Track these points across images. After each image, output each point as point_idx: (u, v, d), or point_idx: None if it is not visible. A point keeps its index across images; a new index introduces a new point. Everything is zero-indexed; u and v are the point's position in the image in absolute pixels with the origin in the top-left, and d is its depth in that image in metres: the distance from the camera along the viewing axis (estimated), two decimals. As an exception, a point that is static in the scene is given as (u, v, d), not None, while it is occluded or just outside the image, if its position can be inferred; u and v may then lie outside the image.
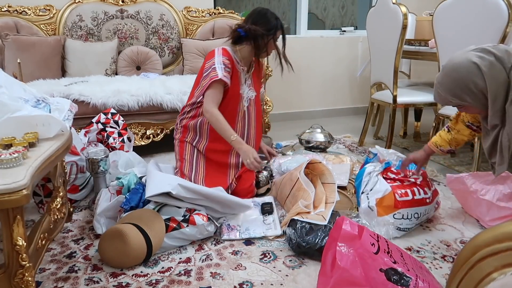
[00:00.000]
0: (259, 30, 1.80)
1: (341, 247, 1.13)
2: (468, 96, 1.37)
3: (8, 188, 0.93)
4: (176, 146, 1.97)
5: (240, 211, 1.72)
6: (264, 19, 1.82)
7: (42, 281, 1.36)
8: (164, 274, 1.40)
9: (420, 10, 3.49)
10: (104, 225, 1.64)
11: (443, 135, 1.72)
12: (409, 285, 1.08)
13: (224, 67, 1.78)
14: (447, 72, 1.41)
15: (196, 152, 1.91)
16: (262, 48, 1.83)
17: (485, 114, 1.42)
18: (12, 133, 1.17)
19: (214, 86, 1.78)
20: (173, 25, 3.17)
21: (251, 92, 1.93)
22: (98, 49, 2.88)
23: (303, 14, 3.82)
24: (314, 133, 2.53)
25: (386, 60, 2.61)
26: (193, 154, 1.90)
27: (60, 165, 1.54)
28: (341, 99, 4.03)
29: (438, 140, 1.73)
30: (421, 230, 1.70)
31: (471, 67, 1.34)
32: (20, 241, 1.01)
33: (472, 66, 1.33)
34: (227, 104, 1.84)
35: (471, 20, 1.98)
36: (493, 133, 1.42)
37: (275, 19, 1.83)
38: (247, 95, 1.92)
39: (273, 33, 1.82)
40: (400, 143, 3.04)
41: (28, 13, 2.87)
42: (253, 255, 1.51)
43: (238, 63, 1.88)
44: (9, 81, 1.29)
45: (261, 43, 1.82)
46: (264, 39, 1.81)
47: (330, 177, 1.76)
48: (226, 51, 1.84)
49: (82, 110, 2.26)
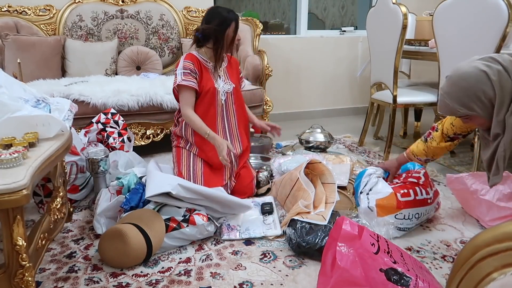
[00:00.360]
0: (211, 28, 1.86)
1: (341, 247, 1.13)
2: (476, 105, 1.34)
3: (8, 188, 0.93)
4: (173, 152, 2.02)
5: (240, 212, 1.72)
6: (215, 15, 1.89)
7: (42, 281, 1.36)
8: (164, 274, 1.40)
9: (420, 10, 3.49)
10: (104, 225, 1.64)
11: (419, 145, 1.74)
12: (409, 285, 1.08)
13: (185, 71, 1.86)
14: (455, 81, 1.37)
15: (192, 155, 1.93)
16: (220, 43, 1.89)
17: (488, 126, 1.39)
18: (12, 133, 1.17)
19: (181, 90, 1.88)
20: (173, 25, 3.17)
21: (227, 86, 1.98)
22: (98, 49, 2.88)
23: (303, 14, 3.82)
24: (314, 133, 2.53)
25: (386, 60, 2.61)
26: (189, 158, 1.93)
27: (60, 165, 1.54)
28: (341, 99, 4.03)
29: (415, 149, 1.76)
30: (421, 230, 1.70)
31: (480, 75, 1.31)
32: (20, 241, 1.01)
33: (481, 75, 1.31)
34: (203, 99, 1.91)
35: (471, 20, 1.98)
36: (494, 145, 1.40)
37: (227, 13, 1.88)
38: (223, 88, 1.97)
39: (225, 26, 1.86)
40: (400, 143, 3.04)
41: (28, 13, 2.87)
42: (253, 255, 1.51)
43: (207, 62, 1.95)
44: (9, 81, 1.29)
45: (218, 39, 1.88)
46: (218, 34, 1.87)
47: (330, 177, 1.76)
48: (190, 54, 1.92)
49: (82, 110, 2.26)
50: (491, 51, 1.91)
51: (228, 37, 1.89)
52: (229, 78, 2.01)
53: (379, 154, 2.74)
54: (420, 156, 1.74)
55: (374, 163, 2.53)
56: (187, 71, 1.87)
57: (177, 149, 1.98)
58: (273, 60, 3.31)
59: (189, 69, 1.87)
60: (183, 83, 1.85)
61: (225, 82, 1.98)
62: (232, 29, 1.88)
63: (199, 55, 1.94)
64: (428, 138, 1.72)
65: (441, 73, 2.24)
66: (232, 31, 1.88)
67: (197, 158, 1.92)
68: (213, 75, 1.96)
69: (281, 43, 3.69)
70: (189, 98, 1.88)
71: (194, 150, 1.95)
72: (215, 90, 1.93)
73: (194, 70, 1.88)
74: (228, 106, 2.00)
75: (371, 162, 2.57)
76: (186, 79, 1.86)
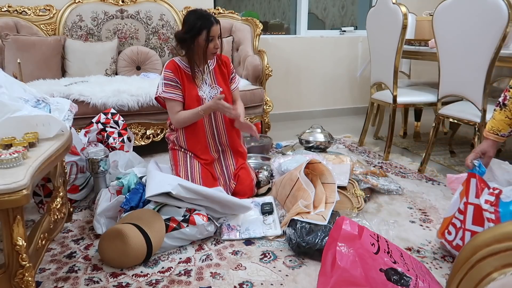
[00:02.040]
0: (180, 34, 1.81)
1: (341, 247, 1.13)
2: None
3: (8, 188, 0.93)
4: (170, 154, 2.00)
5: (240, 212, 1.72)
6: (186, 22, 1.80)
7: (42, 281, 1.36)
8: (164, 274, 1.40)
9: (420, 10, 3.49)
10: (104, 225, 1.64)
11: (498, 116, 1.44)
12: (409, 285, 1.08)
13: (165, 82, 1.83)
14: None
15: (189, 157, 1.92)
16: (192, 52, 1.81)
17: None
18: (12, 133, 1.17)
19: (166, 101, 1.86)
20: (173, 25, 3.17)
21: (213, 91, 1.92)
22: (98, 49, 2.88)
23: (303, 14, 3.82)
24: (314, 133, 2.53)
25: (386, 60, 2.61)
26: (186, 159, 1.92)
27: (60, 165, 1.54)
28: (341, 99, 4.03)
29: (494, 124, 1.46)
30: (421, 230, 1.70)
31: None
32: (20, 241, 1.01)
33: None
34: (189, 107, 1.87)
35: (471, 20, 1.98)
36: None
37: (198, 19, 1.76)
38: (210, 94, 1.91)
39: (194, 34, 1.76)
40: (400, 143, 3.04)
41: (28, 13, 2.87)
42: (253, 255, 1.51)
43: (188, 68, 1.88)
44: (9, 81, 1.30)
45: (189, 47, 1.80)
46: (187, 41, 1.79)
47: (330, 177, 1.76)
48: (170, 62, 1.88)
49: (82, 110, 2.26)
50: (491, 51, 1.91)
51: (199, 45, 1.79)
52: (216, 82, 1.94)
53: (379, 154, 2.74)
54: (504, 131, 1.44)
55: (374, 163, 2.53)
56: (168, 81, 1.83)
57: (173, 151, 1.97)
58: (273, 60, 3.31)
59: (169, 79, 1.83)
60: (164, 95, 1.83)
61: (212, 87, 1.92)
62: (203, 38, 1.76)
63: (181, 62, 1.88)
64: (505, 102, 1.43)
65: (441, 73, 2.24)
66: (203, 40, 1.76)
67: (194, 160, 1.92)
68: (196, 81, 1.89)
69: (281, 43, 3.69)
70: (175, 107, 1.85)
71: (189, 153, 1.94)
72: (200, 98, 1.88)
73: (174, 79, 1.84)
74: (216, 113, 1.93)
75: (371, 162, 2.57)
76: (167, 90, 1.83)
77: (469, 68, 2.05)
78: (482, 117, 2.02)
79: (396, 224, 1.72)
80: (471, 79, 2.04)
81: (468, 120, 2.11)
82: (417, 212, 1.86)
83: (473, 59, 2.02)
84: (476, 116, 2.05)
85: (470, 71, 2.05)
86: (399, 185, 2.09)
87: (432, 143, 2.36)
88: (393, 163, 2.54)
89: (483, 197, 1.33)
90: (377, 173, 2.16)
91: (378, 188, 2.04)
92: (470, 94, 2.08)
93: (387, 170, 2.41)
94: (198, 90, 1.89)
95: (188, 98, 1.87)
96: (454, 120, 2.24)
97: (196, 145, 1.93)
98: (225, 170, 1.97)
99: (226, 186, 1.93)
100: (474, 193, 1.37)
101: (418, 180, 2.26)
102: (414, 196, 2.03)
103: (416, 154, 2.77)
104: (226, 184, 1.94)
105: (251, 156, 2.41)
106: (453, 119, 2.24)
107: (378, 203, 1.96)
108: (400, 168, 2.45)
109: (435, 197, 2.02)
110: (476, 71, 2.00)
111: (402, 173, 2.37)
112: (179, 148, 1.96)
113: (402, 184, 2.15)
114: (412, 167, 2.47)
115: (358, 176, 2.06)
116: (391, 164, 2.53)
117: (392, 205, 1.94)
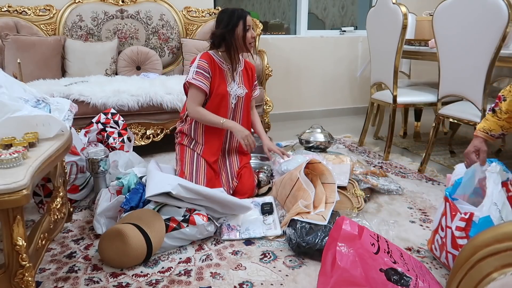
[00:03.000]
0: (219, 31, 1.86)
1: (341, 247, 1.13)
2: None
3: (8, 188, 0.93)
4: (177, 149, 2.00)
5: (240, 212, 1.71)
6: (222, 17, 1.87)
7: (42, 281, 1.36)
8: (164, 274, 1.40)
9: (420, 10, 3.49)
10: (104, 225, 1.64)
11: (490, 118, 1.51)
12: (409, 285, 1.08)
13: (198, 70, 1.84)
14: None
15: (196, 155, 1.93)
16: (232, 45, 1.86)
17: None
18: (12, 133, 1.17)
19: (191, 87, 1.86)
20: (173, 25, 3.17)
21: (240, 90, 1.96)
22: (98, 49, 2.88)
23: (303, 14, 3.82)
24: (314, 133, 2.53)
25: (386, 60, 2.61)
26: (193, 157, 1.92)
27: (60, 165, 1.54)
28: (341, 99, 4.03)
29: (486, 124, 1.52)
30: (421, 230, 1.70)
31: None
32: (20, 241, 1.01)
33: None
34: (214, 100, 1.90)
35: (471, 20, 1.98)
36: None
37: (233, 12, 1.85)
38: (235, 92, 1.96)
39: (233, 26, 1.83)
40: (400, 143, 3.04)
41: (28, 13, 2.87)
42: (253, 255, 1.51)
43: (223, 63, 1.93)
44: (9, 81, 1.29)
45: (228, 41, 1.86)
46: (227, 36, 1.85)
47: (330, 177, 1.76)
48: (206, 54, 1.90)
49: (82, 110, 2.26)
50: (491, 51, 1.91)
51: (238, 37, 1.85)
52: (243, 83, 1.99)
53: (379, 154, 2.74)
54: (495, 131, 1.50)
55: (374, 163, 2.53)
56: (200, 70, 1.84)
57: (181, 147, 1.97)
58: (273, 60, 3.31)
59: (203, 68, 1.85)
60: (192, 82, 1.83)
61: (239, 86, 1.96)
62: (241, 28, 1.84)
63: (215, 55, 1.91)
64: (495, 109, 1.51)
65: (441, 73, 2.24)
66: (241, 30, 1.84)
67: (201, 158, 1.92)
68: (227, 77, 1.93)
69: (281, 43, 3.69)
70: (197, 97, 1.86)
71: (199, 149, 1.94)
72: (227, 93, 1.91)
73: (207, 70, 1.85)
74: (237, 110, 1.98)
75: (371, 162, 2.57)
76: (197, 78, 1.83)
77: (469, 68, 2.05)
78: (482, 117, 2.01)
79: (396, 224, 1.72)
80: (471, 79, 2.04)
81: (468, 120, 2.11)
82: (417, 212, 1.86)
83: (473, 59, 2.02)
84: (476, 116, 2.05)
85: (470, 71, 2.05)
86: (399, 185, 2.09)
87: (432, 143, 2.36)
88: (393, 163, 2.54)
89: (455, 223, 1.32)
90: (377, 173, 2.16)
91: (378, 188, 2.04)
92: (470, 94, 2.08)
93: (387, 170, 2.41)
94: (227, 85, 1.93)
95: (216, 91, 1.89)
96: (454, 120, 2.24)
97: (212, 140, 1.93)
98: (229, 168, 1.98)
99: (228, 184, 1.94)
100: (450, 217, 1.36)
101: (418, 180, 2.26)
102: (414, 196, 2.03)
103: (416, 154, 2.77)
104: (228, 181, 1.95)
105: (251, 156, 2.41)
106: (453, 119, 2.24)
107: (378, 203, 1.96)
108: (400, 168, 2.45)
109: (435, 197, 2.02)
110: (476, 71, 2.00)
111: (402, 173, 2.37)
112: (188, 143, 1.96)
113: (402, 184, 2.15)
114: (412, 167, 2.47)
115: (358, 176, 2.06)
116: (391, 164, 2.53)
117: (392, 205, 1.94)
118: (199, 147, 1.94)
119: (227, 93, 1.91)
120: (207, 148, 1.93)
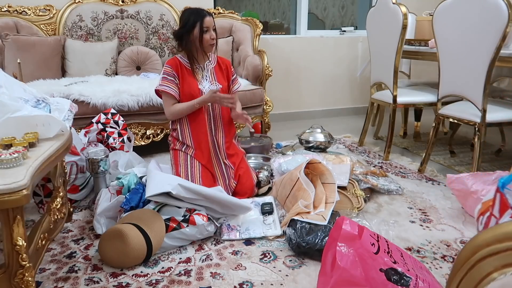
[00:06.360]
0: (177, 31, 1.93)
1: (341, 247, 1.13)
2: None
3: (8, 188, 0.93)
4: (171, 155, 2.01)
5: (240, 212, 1.71)
6: (181, 19, 1.93)
7: (42, 281, 1.36)
8: (164, 274, 1.40)
9: (420, 10, 3.49)
10: (104, 225, 1.64)
11: None
12: (409, 285, 1.08)
13: (164, 76, 1.92)
14: None
15: (189, 157, 1.93)
16: (189, 45, 1.90)
17: None
18: (12, 133, 1.17)
19: (162, 95, 1.95)
20: (173, 25, 3.16)
21: (213, 87, 1.98)
22: (98, 49, 2.88)
23: (303, 14, 3.82)
24: (314, 133, 2.53)
25: (386, 60, 2.61)
26: (187, 159, 1.93)
27: (60, 165, 1.54)
28: (341, 99, 4.03)
29: None
30: (421, 230, 1.70)
31: None
32: (20, 241, 1.01)
33: None
34: (188, 99, 1.93)
35: (471, 20, 1.98)
36: None
37: (191, 14, 1.88)
38: (209, 89, 1.96)
39: (189, 28, 1.86)
40: (400, 143, 3.04)
41: (28, 13, 2.86)
42: (253, 255, 1.51)
43: (189, 64, 1.96)
44: (9, 81, 1.29)
45: (186, 41, 1.90)
46: (184, 36, 1.90)
47: (330, 177, 1.76)
48: (172, 59, 1.97)
49: (82, 110, 2.26)
50: (491, 51, 1.91)
51: (195, 38, 1.87)
52: (216, 80, 2.01)
53: (379, 154, 2.74)
54: None
55: (374, 163, 2.53)
56: (165, 75, 1.92)
57: (174, 151, 1.98)
58: (273, 60, 3.31)
59: (167, 73, 1.92)
60: (159, 88, 1.91)
61: (211, 83, 1.99)
62: (197, 31, 1.86)
63: (183, 58, 1.97)
64: None
65: (441, 73, 2.24)
66: (198, 32, 1.86)
67: (194, 160, 1.93)
68: (197, 76, 1.96)
69: (281, 43, 3.69)
70: (169, 101, 1.93)
71: (190, 151, 1.95)
72: (199, 91, 1.94)
73: (172, 74, 1.92)
74: (214, 105, 1.98)
75: (371, 162, 2.57)
76: (164, 84, 1.91)
77: (469, 68, 2.05)
78: (482, 117, 2.02)
79: (396, 224, 1.72)
80: (471, 79, 2.04)
81: (468, 120, 2.11)
82: (417, 212, 1.86)
83: (473, 59, 2.02)
84: (476, 116, 2.05)
85: (470, 71, 2.05)
86: (399, 185, 2.09)
87: (432, 143, 2.36)
88: (393, 163, 2.54)
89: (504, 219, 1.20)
90: (377, 173, 2.16)
91: (378, 188, 2.04)
92: (470, 94, 2.08)
93: (387, 170, 2.41)
94: (198, 84, 1.96)
95: (188, 91, 1.93)
96: (454, 120, 2.24)
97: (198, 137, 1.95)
98: (225, 170, 1.98)
99: (226, 185, 1.94)
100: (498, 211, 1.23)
101: (418, 180, 2.26)
102: (414, 196, 2.03)
103: (416, 154, 2.77)
104: (226, 183, 1.95)
105: (251, 156, 2.41)
106: (453, 119, 2.24)
107: (378, 203, 1.96)
108: (400, 168, 2.45)
109: (435, 197, 2.02)
110: (476, 71, 2.00)
111: (402, 173, 2.37)
112: (180, 147, 1.97)
113: (402, 184, 2.15)
114: (412, 167, 2.47)
115: (358, 176, 2.06)
116: (391, 164, 2.53)
117: (392, 205, 1.94)
118: (190, 150, 1.95)
119: (199, 91, 1.94)
120: (197, 149, 1.95)
